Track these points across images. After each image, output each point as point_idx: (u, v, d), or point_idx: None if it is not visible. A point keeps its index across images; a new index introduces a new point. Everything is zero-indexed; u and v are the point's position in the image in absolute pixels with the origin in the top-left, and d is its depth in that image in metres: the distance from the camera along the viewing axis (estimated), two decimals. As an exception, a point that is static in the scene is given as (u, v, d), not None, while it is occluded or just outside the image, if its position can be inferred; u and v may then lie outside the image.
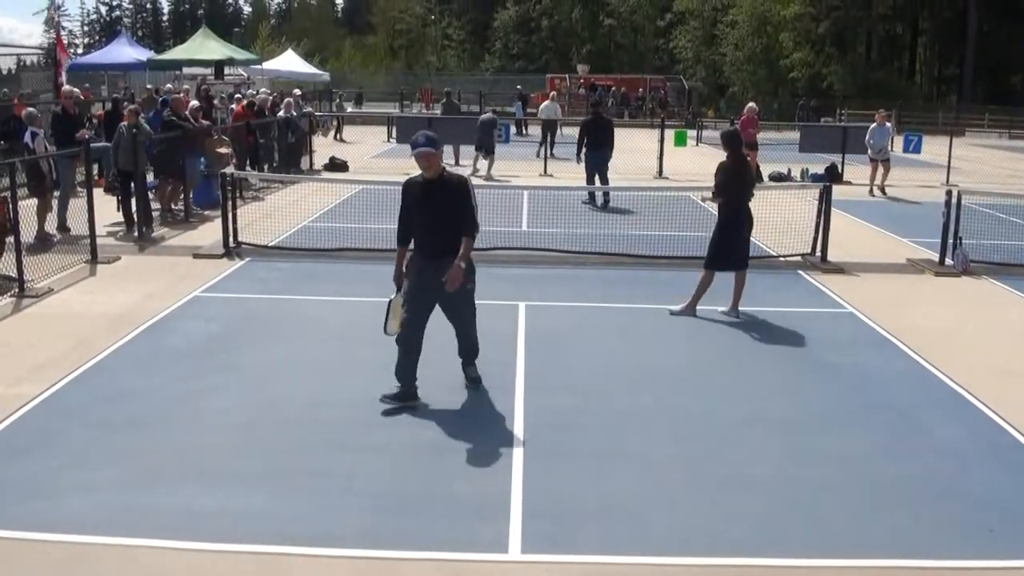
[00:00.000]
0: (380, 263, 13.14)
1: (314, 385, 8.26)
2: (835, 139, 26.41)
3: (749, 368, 9.08)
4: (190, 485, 6.21)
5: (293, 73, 48.29)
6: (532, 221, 17.04)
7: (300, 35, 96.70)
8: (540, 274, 12.80)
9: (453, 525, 5.72)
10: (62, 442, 6.90)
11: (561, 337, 9.87)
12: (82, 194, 14.13)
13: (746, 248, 10.83)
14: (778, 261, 13.75)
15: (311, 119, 28.06)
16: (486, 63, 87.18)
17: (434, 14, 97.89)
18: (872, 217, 18.41)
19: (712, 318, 10.63)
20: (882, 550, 5.53)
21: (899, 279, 13.13)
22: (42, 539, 5.45)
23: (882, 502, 6.19)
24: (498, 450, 6.84)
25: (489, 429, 7.28)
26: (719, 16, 66.26)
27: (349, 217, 16.57)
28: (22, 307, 10.71)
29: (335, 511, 5.87)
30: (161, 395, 7.94)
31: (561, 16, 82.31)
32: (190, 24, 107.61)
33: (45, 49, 37.64)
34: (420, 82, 69.77)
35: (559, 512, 5.91)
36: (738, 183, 10.60)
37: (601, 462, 6.71)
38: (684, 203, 17.69)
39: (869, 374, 8.87)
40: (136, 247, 14.21)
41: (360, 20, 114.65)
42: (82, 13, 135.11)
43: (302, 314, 10.76)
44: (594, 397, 8.06)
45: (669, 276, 12.60)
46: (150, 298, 11.10)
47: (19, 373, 8.33)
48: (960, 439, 7.35)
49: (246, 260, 13.43)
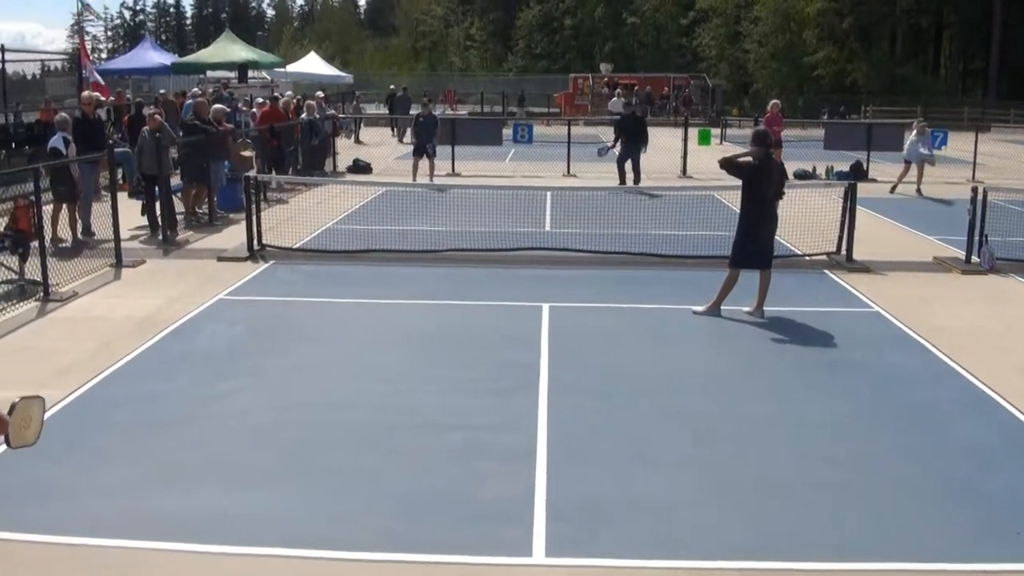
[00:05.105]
0: (404, 265, 13.23)
1: (337, 388, 8.26)
2: (860, 136, 26.26)
3: (774, 369, 9.03)
4: (211, 488, 6.22)
5: (316, 75, 48.45)
6: (556, 222, 17.02)
7: (323, 37, 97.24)
8: (564, 275, 12.77)
9: (477, 528, 5.70)
10: (84, 445, 6.93)
11: (585, 338, 9.83)
12: (106, 198, 14.20)
13: (771, 247, 10.76)
14: (803, 260, 13.66)
15: (334, 122, 28.12)
16: (509, 63, 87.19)
17: (456, 15, 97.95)
18: (897, 215, 18.27)
19: (737, 318, 10.56)
20: (907, 554, 5.45)
21: (925, 278, 13.01)
22: (60, 541, 5.46)
23: (907, 505, 6.11)
24: (522, 452, 6.80)
25: (513, 431, 7.24)
26: (743, 13, 65.93)
27: (373, 219, 16.62)
28: (47, 311, 10.77)
29: (358, 514, 5.86)
30: (184, 398, 7.96)
31: (584, 15, 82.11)
32: (213, 28, 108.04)
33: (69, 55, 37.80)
34: (443, 83, 69.82)
35: (583, 515, 5.87)
36: (762, 181, 10.52)
37: (625, 464, 6.67)
38: (708, 202, 17.64)
39: (895, 374, 8.78)
40: (160, 251, 14.26)
41: (383, 22, 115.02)
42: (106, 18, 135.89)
43: (326, 316, 10.78)
44: (618, 398, 8.02)
45: (693, 276, 12.53)
46: (174, 301, 11.13)
47: (43, 376, 8.36)
48: (987, 440, 7.26)
49: (270, 263, 13.46)
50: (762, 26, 63.59)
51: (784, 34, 63.07)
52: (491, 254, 13.63)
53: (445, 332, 10.09)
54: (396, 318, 10.73)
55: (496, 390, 8.16)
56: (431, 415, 7.58)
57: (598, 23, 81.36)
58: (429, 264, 13.29)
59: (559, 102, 59.03)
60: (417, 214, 16.85)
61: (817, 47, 61.77)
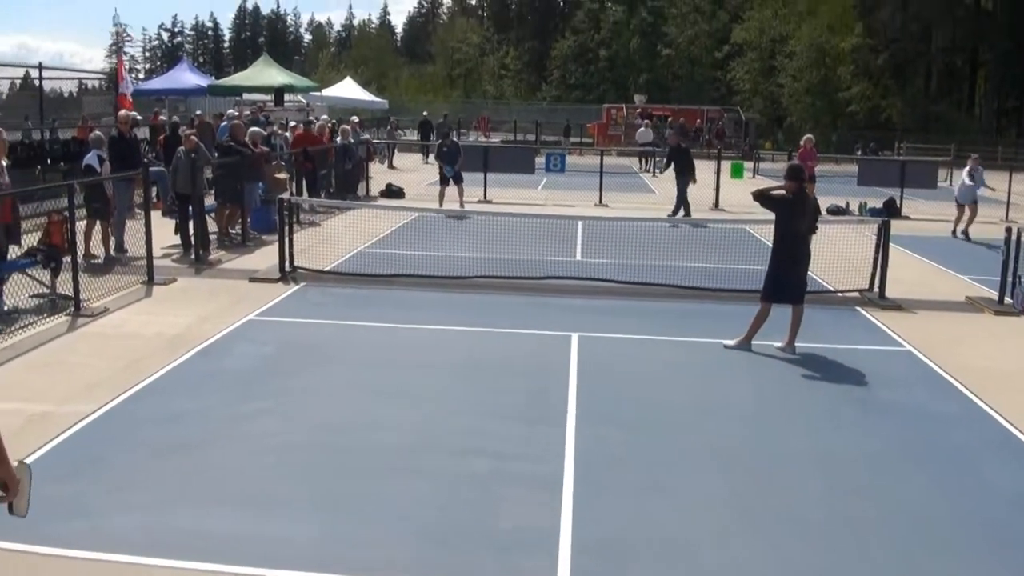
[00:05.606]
0: (434, 290, 13.22)
1: (364, 411, 8.24)
2: (894, 173, 26.16)
3: (804, 405, 8.93)
4: (234, 509, 6.20)
5: (352, 100, 48.73)
6: (586, 251, 16.99)
7: (359, 63, 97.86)
8: (593, 305, 12.72)
9: (500, 559, 5.64)
10: (110, 461, 6.94)
11: (614, 369, 9.77)
12: (140, 216, 14.30)
13: (803, 282, 10.69)
14: (835, 296, 13.56)
15: (368, 146, 28.26)
16: (543, 92, 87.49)
17: (492, 43, 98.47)
18: (930, 253, 18.11)
19: (768, 353, 10.48)
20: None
21: (957, 317, 12.87)
22: (84, 557, 5.47)
23: (936, 547, 6.01)
24: (547, 482, 6.74)
25: (539, 461, 7.18)
26: (777, 47, 65.98)
27: (404, 244, 16.66)
28: (77, 326, 10.83)
29: (380, 540, 5.82)
30: (211, 417, 7.96)
31: (619, 46, 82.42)
32: (251, 51, 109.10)
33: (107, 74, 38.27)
34: (477, 110, 70.13)
35: (608, 548, 5.80)
36: (795, 215, 10.45)
37: (652, 498, 6.60)
38: (740, 235, 17.57)
39: (925, 414, 8.67)
40: (192, 269, 14.34)
41: (419, 49, 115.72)
42: (144, 39, 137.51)
43: (356, 339, 10.78)
44: (646, 431, 7.96)
45: (724, 309, 12.46)
46: (204, 320, 11.17)
47: (71, 391, 8.40)
48: (1017, 483, 7.14)
49: (301, 284, 13.49)
50: (797, 61, 63.64)
51: (819, 69, 63.07)
52: (521, 282, 13.61)
53: (473, 359, 10.06)
54: (425, 344, 10.71)
55: (524, 418, 8.11)
56: (457, 441, 7.54)
57: (633, 55, 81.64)
58: (459, 291, 13.28)
59: (592, 132, 59.13)
60: (448, 240, 16.88)
61: (851, 83, 61.72)
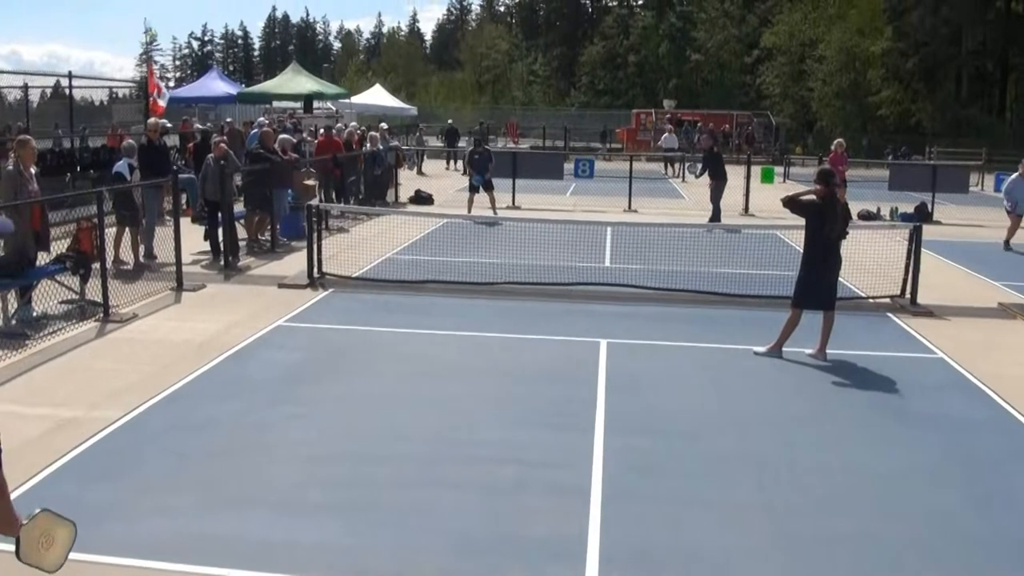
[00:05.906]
0: (463, 296, 13.19)
1: (393, 418, 8.21)
2: (925, 178, 25.95)
3: (835, 414, 8.81)
4: (264, 514, 6.19)
5: (381, 107, 48.87)
6: (615, 257, 16.93)
7: (388, 70, 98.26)
8: (622, 311, 12.65)
9: (528, 568, 5.59)
10: (139, 466, 6.94)
11: (643, 376, 9.70)
12: (169, 223, 14.36)
13: (834, 289, 10.57)
14: (867, 303, 13.44)
15: (397, 153, 28.32)
16: (571, 98, 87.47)
17: (520, 50, 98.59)
18: (963, 259, 17.91)
19: (799, 360, 10.37)
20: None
21: (990, 324, 12.71)
22: (115, 563, 5.47)
23: (974, 562, 5.88)
24: (576, 491, 6.68)
25: (567, 469, 7.12)
26: (807, 52, 65.72)
27: (433, 250, 16.65)
28: (106, 331, 10.88)
29: (408, 548, 5.78)
30: (240, 423, 7.97)
31: (648, 52, 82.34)
32: (280, 59, 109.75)
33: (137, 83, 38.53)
34: (505, 116, 70.19)
35: (637, 559, 5.74)
36: (826, 220, 10.33)
37: (682, 508, 6.52)
38: (771, 241, 17.46)
39: (959, 423, 8.53)
40: (222, 276, 14.39)
41: (448, 56, 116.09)
42: (174, 48, 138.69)
43: (384, 346, 10.77)
44: (676, 439, 7.87)
45: (754, 315, 12.37)
46: (233, 326, 11.20)
47: (100, 397, 8.43)
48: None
49: (330, 291, 13.51)
50: (827, 65, 63.40)
51: (849, 73, 62.80)
52: (549, 288, 13.58)
53: (501, 365, 10.02)
54: (453, 350, 10.68)
55: (552, 425, 8.05)
56: (485, 449, 7.50)
57: (662, 60, 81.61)
58: (487, 296, 13.26)
59: (621, 137, 59.05)
60: (476, 246, 16.87)
61: (882, 87, 61.36)
